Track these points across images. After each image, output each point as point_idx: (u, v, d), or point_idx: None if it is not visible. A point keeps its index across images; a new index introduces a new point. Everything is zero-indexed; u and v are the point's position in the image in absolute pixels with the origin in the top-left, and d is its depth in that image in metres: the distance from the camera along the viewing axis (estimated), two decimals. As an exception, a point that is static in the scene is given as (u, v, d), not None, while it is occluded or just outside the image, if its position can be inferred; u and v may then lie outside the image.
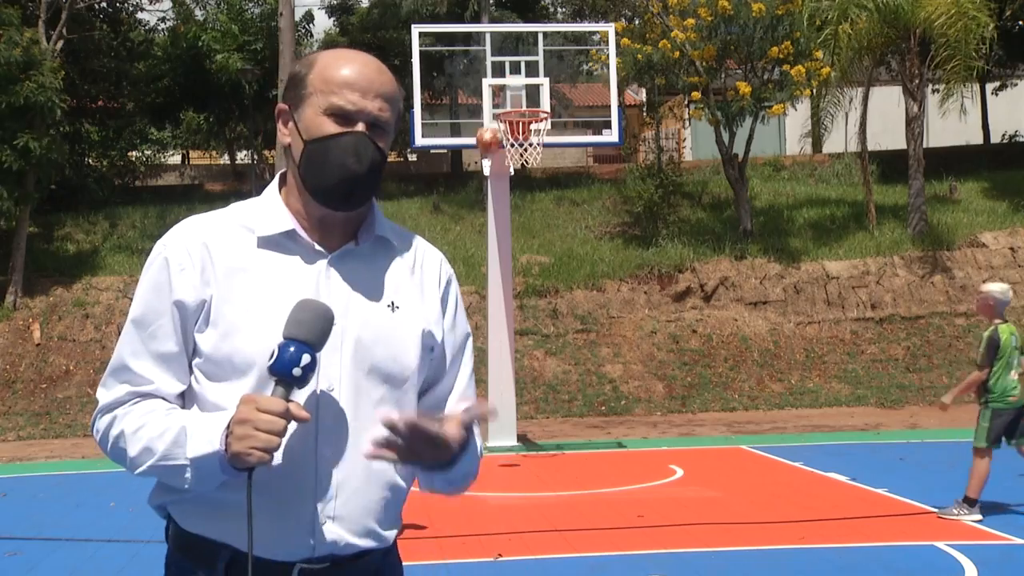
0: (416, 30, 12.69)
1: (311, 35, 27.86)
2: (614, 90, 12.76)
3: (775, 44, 18.14)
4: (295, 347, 1.74)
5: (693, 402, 15.92)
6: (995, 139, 28.57)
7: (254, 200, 2.00)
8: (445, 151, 28.26)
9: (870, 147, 20.58)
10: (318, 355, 1.78)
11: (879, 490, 8.89)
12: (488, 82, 12.06)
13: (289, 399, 1.74)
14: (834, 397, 15.94)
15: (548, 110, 11.94)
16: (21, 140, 16.64)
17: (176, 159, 34.35)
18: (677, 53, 18.48)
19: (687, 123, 24.13)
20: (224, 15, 25.23)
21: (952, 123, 21.94)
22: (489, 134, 10.61)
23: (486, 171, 12.24)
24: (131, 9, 24.79)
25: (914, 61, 18.96)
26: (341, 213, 1.90)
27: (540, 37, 12.58)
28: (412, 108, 11.83)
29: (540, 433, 13.75)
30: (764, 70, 18.99)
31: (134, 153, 28.01)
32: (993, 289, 7.71)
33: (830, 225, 20.22)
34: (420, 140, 12.45)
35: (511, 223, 12.81)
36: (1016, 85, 29.15)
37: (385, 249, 1.98)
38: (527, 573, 6.51)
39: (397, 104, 1.92)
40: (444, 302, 2.03)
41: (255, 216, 1.93)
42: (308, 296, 1.83)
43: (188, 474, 1.78)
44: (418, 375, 1.97)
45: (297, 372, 1.74)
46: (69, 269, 18.54)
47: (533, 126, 11.57)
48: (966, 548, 6.67)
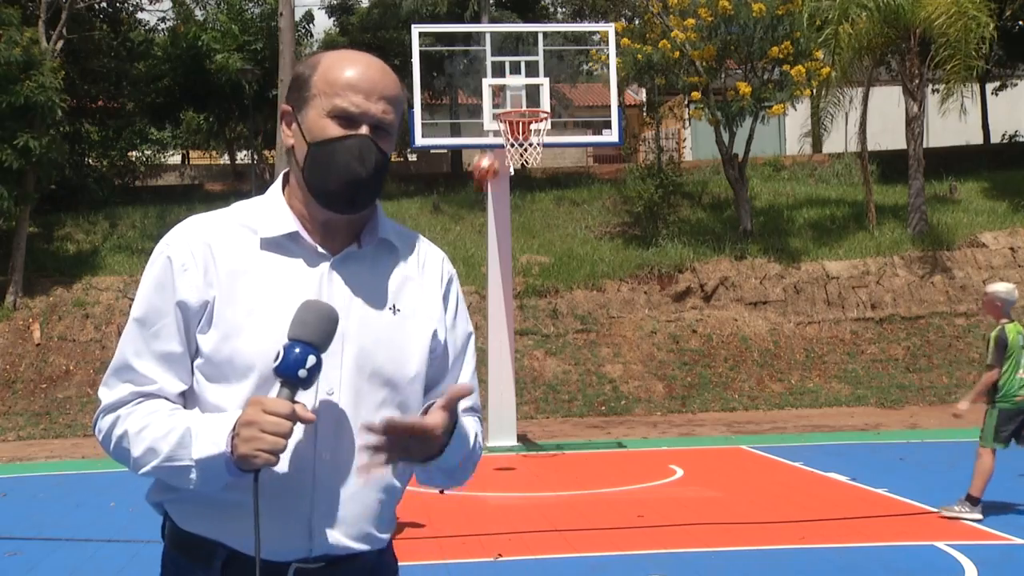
0: (416, 30, 12.68)
1: (311, 35, 27.87)
2: (614, 90, 12.75)
3: (775, 44, 18.15)
4: (300, 348, 1.74)
5: (693, 402, 15.92)
6: (995, 139, 28.57)
7: (257, 200, 1.99)
8: (445, 151, 28.26)
9: (870, 147, 20.58)
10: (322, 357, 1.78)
11: (879, 490, 8.89)
12: (488, 82, 12.06)
13: (295, 400, 1.75)
14: (834, 397, 15.94)
15: (548, 110, 11.93)
16: (21, 140, 16.64)
17: (176, 159, 34.35)
18: (677, 53, 18.49)
19: (687, 123, 24.13)
20: (224, 15, 25.23)
21: (952, 123, 21.94)
22: (487, 161, 10.14)
23: (486, 171, 12.25)
24: (131, 9, 24.79)
25: (914, 61, 18.96)
26: (344, 216, 1.90)
27: (540, 37, 12.57)
28: (412, 108, 11.83)
29: (540, 433, 13.75)
30: (764, 70, 18.99)
31: (134, 153, 28.01)
32: (999, 289, 7.73)
33: (830, 225, 20.22)
34: (420, 140, 12.45)
35: (511, 223, 12.81)
36: (1016, 85, 29.14)
37: (388, 252, 1.98)
38: (527, 573, 6.51)
39: (401, 105, 1.91)
40: (445, 301, 2.03)
41: (258, 217, 1.93)
42: (310, 299, 1.83)
43: (193, 475, 1.78)
44: (420, 379, 1.96)
45: (303, 374, 1.74)
46: (69, 269, 18.53)
47: (533, 126, 11.56)
48: (966, 548, 6.67)
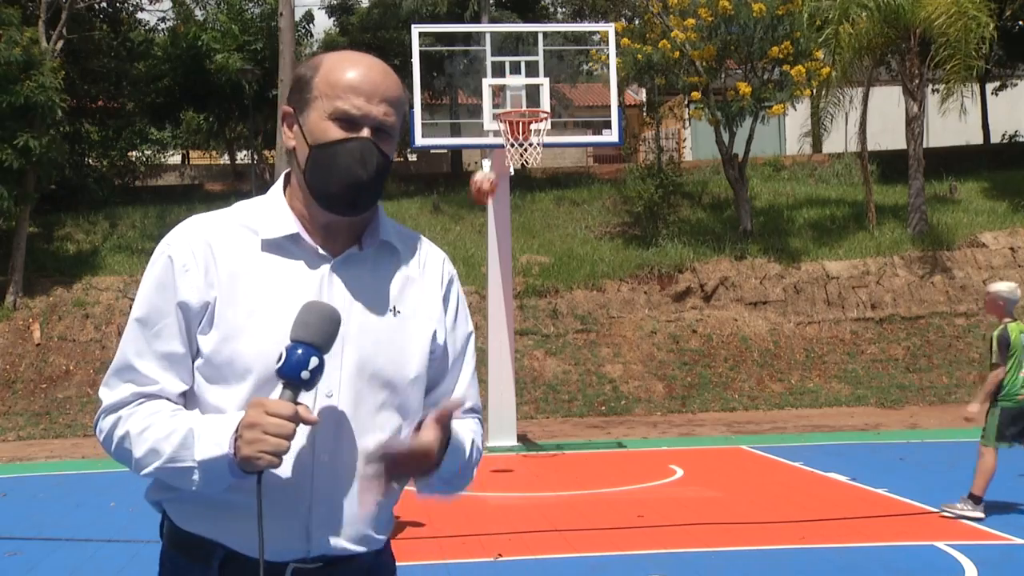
0: (416, 30, 12.68)
1: (311, 35, 27.85)
2: (614, 90, 12.75)
3: (775, 44, 18.15)
4: (303, 350, 1.74)
5: (693, 402, 15.92)
6: (995, 139, 28.57)
7: (258, 200, 1.99)
8: (445, 151, 28.26)
9: (870, 147, 20.58)
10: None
11: (879, 490, 8.89)
12: (488, 82, 12.06)
13: (297, 402, 1.75)
14: (834, 397, 15.94)
15: (548, 110, 11.93)
16: (21, 139, 16.64)
17: (176, 159, 34.34)
18: (677, 53, 18.49)
19: (687, 123, 24.13)
20: (224, 15, 25.22)
21: (952, 123, 21.94)
22: (488, 183, 9.68)
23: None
24: (131, 9, 24.79)
25: (914, 61, 18.96)
26: (345, 218, 1.90)
27: (540, 37, 12.58)
28: (412, 108, 11.83)
29: (540, 433, 13.75)
30: (764, 70, 18.99)
31: (134, 153, 28.01)
32: (1001, 288, 7.74)
33: (830, 225, 20.22)
34: (420, 140, 12.45)
35: (511, 223, 12.81)
36: (1016, 85, 29.14)
37: (389, 254, 1.97)
38: (527, 573, 6.51)
39: (402, 107, 1.91)
40: (446, 302, 2.02)
41: (259, 217, 1.92)
42: (312, 300, 1.83)
43: (196, 476, 1.78)
44: (420, 380, 1.96)
45: (305, 375, 1.74)
46: (69, 269, 18.54)
47: (533, 126, 11.56)
48: (966, 548, 6.67)
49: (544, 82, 12.07)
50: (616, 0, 25.04)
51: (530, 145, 11.46)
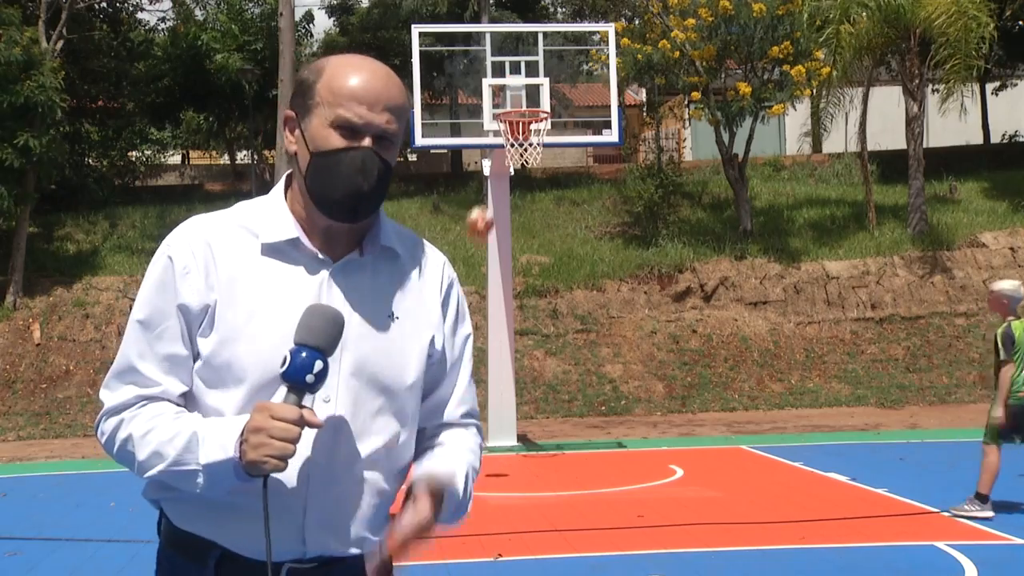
0: (416, 30, 12.68)
1: (311, 35, 27.86)
2: (614, 90, 12.75)
3: (775, 44, 18.15)
4: (307, 353, 1.74)
5: (693, 402, 15.92)
6: (995, 139, 28.56)
7: (260, 201, 1.98)
8: (445, 151, 28.25)
9: (870, 147, 20.58)
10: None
11: (879, 490, 8.89)
12: (488, 82, 12.06)
13: (302, 405, 1.75)
14: (834, 397, 15.94)
15: (548, 110, 11.93)
16: (21, 139, 16.64)
17: (176, 159, 34.33)
18: (677, 53, 18.49)
19: (687, 123, 24.12)
20: (224, 15, 25.22)
21: (952, 123, 21.93)
22: (482, 222, 9.30)
23: (486, 171, 12.26)
24: (131, 9, 24.79)
25: (914, 61, 18.96)
26: (346, 224, 1.90)
27: (540, 37, 12.58)
28: (412, 108, 11.83)
29: (540, 433, 13.75)
30: (764, 70, 18.99)
31: (134, 153, 28.00)
32: (1005, 286, 7.75)
33: (830, 225, 20.22)
34: (420, 140, 12.45)
35: (511, 223, 12.81)
36: (1016, 85, 29.13)
37: (389, 259, 1.97)
38: (527, 573, 6.51)
39: (405, 114, 1.90)
40: (445, 306, 2.02)
41: (260, 220, 1.92)
42: (316, 303, 1.83)
43: (200, 479, 1.79)
44: (418, 386, 1.97)
45: (310, 379, 1.73)
46: (69, 269, 18.53)
47: (533, 126, 11.56)
48: (966, 548, 6.67)
49: (544, 82, 12.07)
50: (616, 0, 25.03)
51: (530, 145, 11.46)
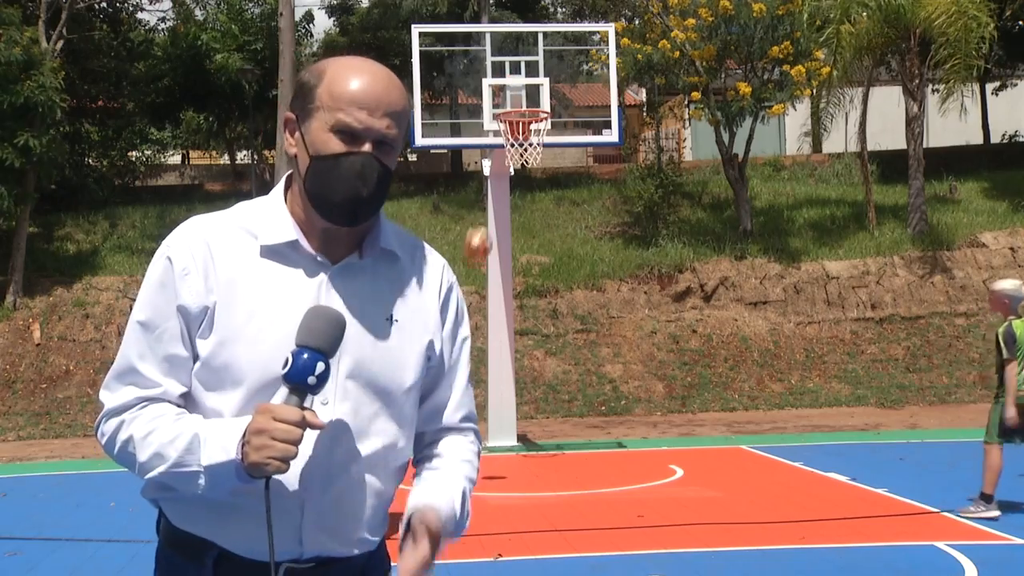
0: (416, 30, 12.68)
1: (311, 35, 27.85)
2: (614, 90, 12.75)
3: (775, 44, 18.15)
4: (309, 355, 1.74)
5: (693, 402, 15.92)
6: (995, 139, 28.56)
7: (260, 202, 1.98)
8: (445, 151, 28.24)
9: (870, 147, 20.58)
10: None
11: (879, 490, 8.89)
12: (488, 82, 12.06)
13: (304, 407, 1.75)
14: (834, 397, 15.94)
15: (548, 110, 11.93)
16: (21, 139, 16.64)
17: (176, 159, 34.33)
18: (677, 53, 18.49)
19: (687, 123, 24.12)
20: (224, 15, 25.22)
21: (952, 123, 21.93)
22: (478, 239, 9.19)
23: (486, 171, 12.26)
24: (131, 9, 24.80)
25: (914, 61, 18.95)
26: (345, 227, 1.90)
27: (540, 37, 12.58)
28: (412, 108, 11.83)
29: (540, 433, 13.75)
30: (764, 70, 18.99)
31: (134, 153, 28.00)
32: (1006, 286, 7.77)
33: (830, 225, 20.22)
34: (420, 140, 12.45)
35: (511, 223, 12.81)
36: (1016, 85, 29.12)
37: (389, 262, 1.96)
38: (527, 573, 6.51)
39: (406, 118, 1.89)
40: (444, 311, 2.02)
41: (259, 222, 1.92)
42: (318, 305, 1.83)
43: (202, 480, 1.79)
44: (416, 389, 1.97)
45: (312, 380, 1.73)
46: (69, 269, 18.53)
47: (533, 126, 11.56)
48: (966, 548, 6.67)
49: (544, 82, 12.07)
50: (616, 0, 25.03)
51: (530, 145, 11.46)
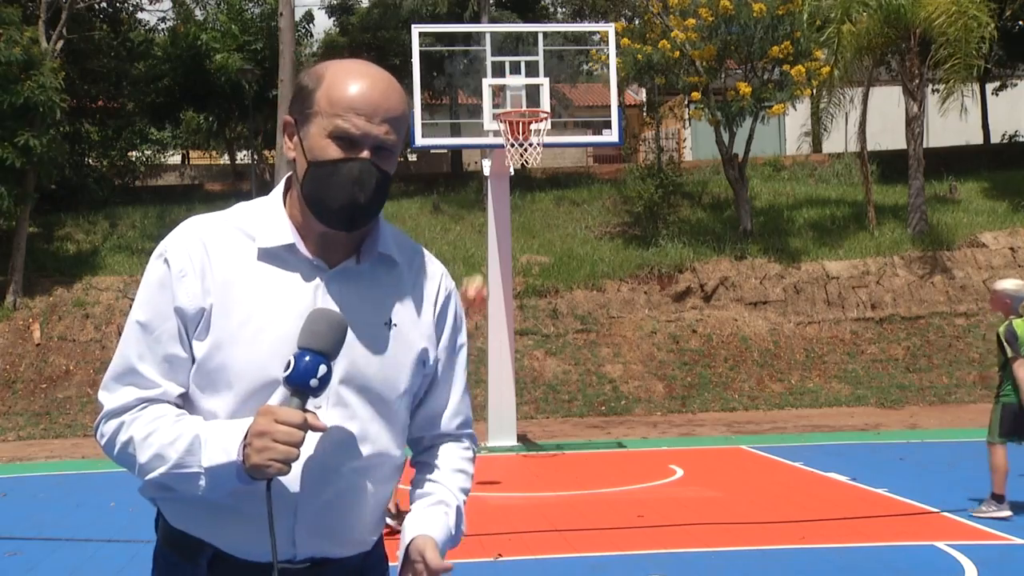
0: (416, 30, 12.68)
1: (311, 35, 27.86)
2: (614, 90, 12.75)
3: (775, 44, 18.15)
4: (311, 357, 1.74)
5: (693, 402, 15.92)
6: (995, 139, 28.56)
7: (259, 203, 1.97)
8: (445, 151, 28.25)
9: (870, 147, 20.58)
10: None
11: (879, 490, 8.88)
12: (488, 82, 12.06)
13: (305, 409, 1.75)
14: (834, 397, 15.94)
15: (548, 110, 11.93)
16: (21, 139, 16.64)
17: (176, 159, 34.35)
18: (677, 53, 18.49)
19: (687, 123, 24.12)
20: (224, 15, 25.22)
21: (952, 123, 21.94)
22: (473, 290, 8.70)
23: (486, 171, 12.26)
24: (131, 9, 24.80)
25: (914, 61, 18.95)
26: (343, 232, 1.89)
27: (540, 37, 12.58)
28: (412, 108, 11.83)
29: (540, 433, 13.75)
30: (764, 70, 18.99)
31: (134, 153, 28.02)
32: (1008, 285, 7.78)
33: (830, 225, 20.22)
34: (420, 140, 12.45)
35: (511, 223, 12.81)
36: (1016, 85, 29.12)
37: (386, 267, 1.96)
38: (527, 573, 6.51)
39: (405, 123, 1.88)
40: (442, 318, 2.02)
41: (257, 224, 1.91)
42: (320, 307, 1.83)
43: (202, 482, 1.79)
44: (410, 394, 1.97)
45: (314, 383, 1.74)
46: (69, 269, 18.54)
47: (533, 126, 11.56)
48: (966, 548, 6.67)
49: (544, 82, 12.07)
50: (616, 0, 25.03)
51: (530, 145, 11.46)
